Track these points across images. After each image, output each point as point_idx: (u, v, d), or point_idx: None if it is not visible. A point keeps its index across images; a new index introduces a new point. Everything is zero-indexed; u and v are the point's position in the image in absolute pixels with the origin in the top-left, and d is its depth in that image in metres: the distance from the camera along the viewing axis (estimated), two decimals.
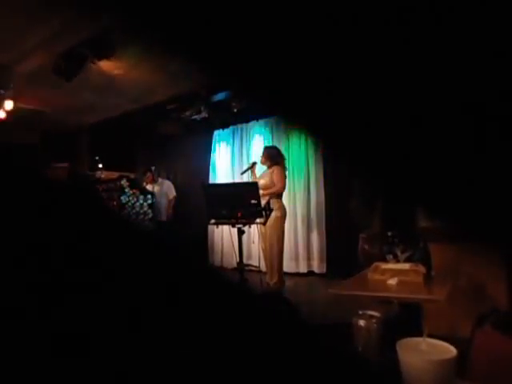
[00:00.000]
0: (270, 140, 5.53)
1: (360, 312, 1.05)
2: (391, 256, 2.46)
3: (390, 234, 3.52)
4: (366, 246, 3.69)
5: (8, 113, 4.58)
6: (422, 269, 2.19)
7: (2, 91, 4.49)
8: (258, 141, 5.64)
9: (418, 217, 2.90)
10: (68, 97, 5.06)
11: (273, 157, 4.13)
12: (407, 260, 2.42)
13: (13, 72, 4.19)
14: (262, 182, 3.89)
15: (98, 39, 3.23)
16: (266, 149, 4.32)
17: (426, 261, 2.37)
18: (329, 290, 2.22)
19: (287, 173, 4.37)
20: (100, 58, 3.40)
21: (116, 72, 4.28)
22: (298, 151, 5.30)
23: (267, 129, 5.60)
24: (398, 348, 1.00)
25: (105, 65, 3.90)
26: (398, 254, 2.42)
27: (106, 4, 3.06)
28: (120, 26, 3.33)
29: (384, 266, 2.35)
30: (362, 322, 0.99)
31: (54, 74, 3.63)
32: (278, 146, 5.43)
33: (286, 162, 4.33)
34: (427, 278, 2.19)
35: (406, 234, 2.83)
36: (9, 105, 4.44)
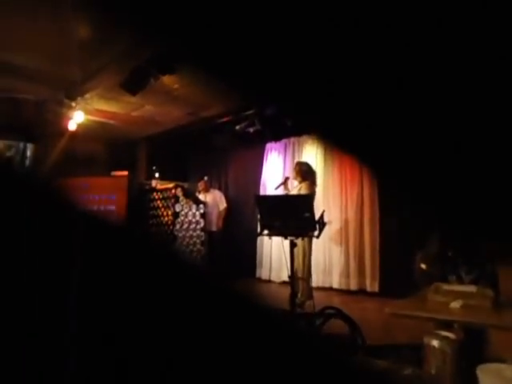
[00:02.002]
0: (322, 154, 5.49)
1: (433, 332, 0.99)
2: (454, 277, 2.32)
3: (450, 253, 3.34)
4: (424, 266, 3.51)
5: (78, 124, 4.96)
6: (489, 292, 2.04)
7: (73, 104, 4.87)
8: (309, 155, 5.62)
9: (484, 237, 2.72)
10: (131, 109, 5.38)
11: (303, 173, 4.22)
12: (472, 282, 2.27)
13: (84, 87, 4.54)
14: None
15: (163, 56, 3.42)
16: (298, 164, 4.42)
17: (493, 284, 2.20)
18: (386, 310, 2.13)
19: (317, 189, 4.41)
20: (163, 74, 3.59)
21: (176, 86, 4.50)
22: (351, 164, 5.20)
23: (320, 143, 5.56)
24: (479, 373, 0.93)
25: (166, 79, 4.11)
26: (463, 275, 2.28)
27: (166, 28, 3.25)
28: (180, 46, 3.53)
29: (446, 287, 2.22)
30: (435, 343, 0.93)
31: (121, 89, 3.87)
32: (330, 160, 5.38)
33: (317, 177, 4.39)
34: (495, 302, 2.03)
35: (469, 254, 2.66)
36: (80, 117, 4.80)
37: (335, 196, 5.22)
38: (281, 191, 4.41)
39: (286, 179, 4.44)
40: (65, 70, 4.17)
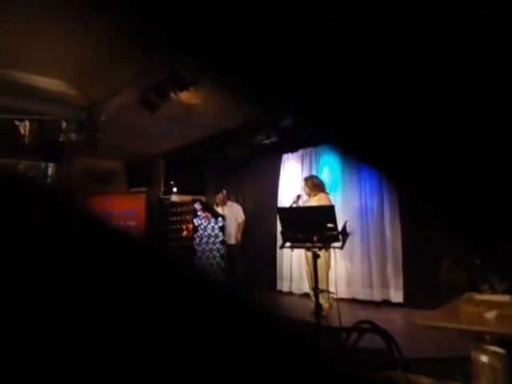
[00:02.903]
0: (340, 163, 5.46)
1: (481, 347, 0.95)
2: (487, 286, 2.25)
3: (478, 262, 3.25)
4: (451, 274, 3.42)
5: (97, 143, 5.06)
6: None
7: (94, 123, 4.98)
8: (327, 165, 5.60)
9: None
10: (148, 126, 5.47)
11: (317, 185, 4.33)
12: (506, 291, 2.20)
13: (104, 106, 4.65)
14: None
15: (180, 73, 3.48)
16: (310, 178, 4.51)
17: None
18: (416, 321, 2.07)
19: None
20: (181, 90, 3.65)
21: (193, 102, 4.56)
22: (370, 173, 5.15)
23: (337, 153, 5.54)
24: None
25: (183, 95, 4.17)
26: (496, 284, 2.21)
27: (183, 47, 3.33)
28: (195, 64, 3.59)
29: (479, 296, 2.15)
30: (484, 359, 0.89)
31: (140, 107, 3.94)
32: (348, 170, 5.35)
33: (327, 188, 4.53)
34: None
35: (500, 262, 2.59)
36: (99, 135, 4.91)
37: (355, 206, 5.16)
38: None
39: (299, 197, 4.42)
40: (85, 91, 4.29)
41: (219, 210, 6.06)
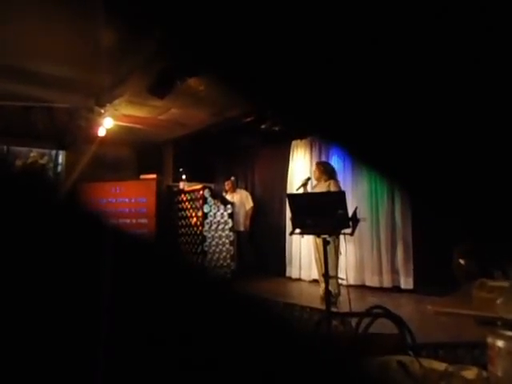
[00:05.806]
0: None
1: (497, 331, 0.94)
2: (500, 272, 2.23)
3: (490, 248, 3.20)
4: (462, 261, 3.39)
5: (107, 130, 5.07)
6: None
7: (103, 111, 4.98)
8: (336, 151, 5.55)
9: None
10: (157, 113, 5.46)
11: (328, 171, 4.27)
12: None
13: (112, 93, 4.64)
14: None
15: (189, 59, 3.44)
16: (322, 164, 4.49)
17: None
18: (428, 307, 2.07)
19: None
20: (190, 76, 3.61)
21: (201, 88, 4.52)
22: None
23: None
24: None
25: (192, 81, 4.14)
26: (509, 270, 2.18)
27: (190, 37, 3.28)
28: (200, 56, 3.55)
29: (492, 283, 2.13)
30: (501, 344, 0.88)
31: (148, 93, 3.92)
32: None
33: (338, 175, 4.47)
34: None
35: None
36: (109, 123, 4.91)
37: (365, 192, 5.12)
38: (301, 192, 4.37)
39: (308, 179, 4.40)
40: (94, 78, 4.28)
41: (228, 196, 6.07)
